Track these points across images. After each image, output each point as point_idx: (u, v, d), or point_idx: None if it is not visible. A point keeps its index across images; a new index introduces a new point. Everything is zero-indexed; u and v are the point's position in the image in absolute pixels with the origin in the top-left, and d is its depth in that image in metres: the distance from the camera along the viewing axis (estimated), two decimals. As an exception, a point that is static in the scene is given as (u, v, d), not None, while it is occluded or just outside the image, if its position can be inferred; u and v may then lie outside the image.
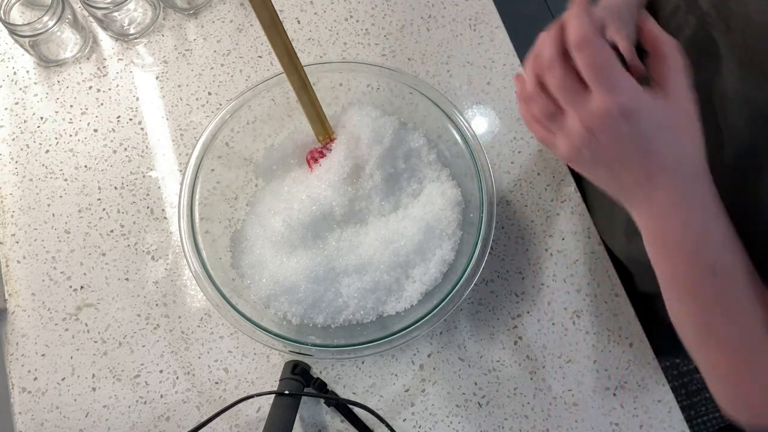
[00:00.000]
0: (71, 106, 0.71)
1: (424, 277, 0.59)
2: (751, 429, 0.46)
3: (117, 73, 0.72)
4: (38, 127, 0.70)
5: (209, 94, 0.72)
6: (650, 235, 0.43)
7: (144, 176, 0.68)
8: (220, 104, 0.71)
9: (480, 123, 0.72)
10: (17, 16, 0.74)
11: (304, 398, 0.60)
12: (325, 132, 0.62)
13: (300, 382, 0.57)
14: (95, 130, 0.70)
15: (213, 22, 0.75)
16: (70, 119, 0.71)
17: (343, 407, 0.59)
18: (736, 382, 0.44)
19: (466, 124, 0.61)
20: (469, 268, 0.56)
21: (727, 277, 0.41)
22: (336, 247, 0.59)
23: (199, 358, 0.62)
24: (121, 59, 0.73)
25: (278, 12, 0.53)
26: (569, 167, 0.69)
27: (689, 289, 0.42)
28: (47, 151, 0.69)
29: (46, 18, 0.65)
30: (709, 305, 0.42)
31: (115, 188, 0.68)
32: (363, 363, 0.62)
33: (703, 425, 1.52)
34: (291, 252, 0.59)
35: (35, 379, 0.61)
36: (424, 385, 0.62)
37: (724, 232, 0.41)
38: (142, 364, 0.62)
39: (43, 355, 0.62)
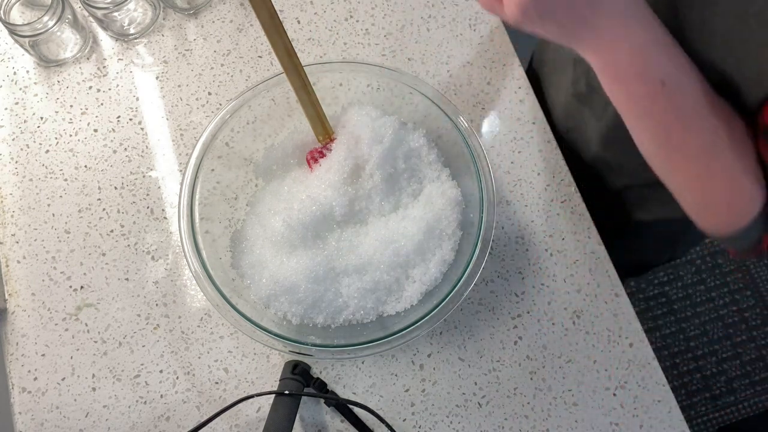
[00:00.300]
0: (71, 106, 0.71)
1: (424, 277, 0.59)
2: (723, 239, 0.50)
3: (117, 73, 0.72)
4: (38, 127, 0.70)
5: (209, 94, 0.72)
6: (603, 67, 0.46)
7: (144, 176, 0.68)
8: (220, 104, 0.71)
9: (480, 123, 0.72)
10: (17, 16, 0.74)
11: (304, 398, 0.60)
12: (325, 132, 0.62)
13: (300, 382, 0.57)
14: (95, 130, 0.70)
15: (213, 22, 0.75)
16: (70, 119, 0.71)
17: (343, 407, 0.59)
18: (700, 189, 0.48)
19: (466, 124, 0.61)
20: (469, 268, 0.56)
21: (676, 86, 0.43)
22: (336, 247, 0.59)
23: (199, 358, 0.62)
24: (121, 59, 0.73)
25: (278, 12, 0.53)
26: (569, 168, 0.69)
27: (645, 106, 0.45)
28: (47, 151, 0.69)
29: (46, 18, 0.65)
30: (664, 118, 0.45)
31: (115, 188, 0.68)
32: (363, 363, 0.62)
33: (703, 425, 1.52)
34: (291, 252, 0.59)
35: (35, 379, 0.61)
36: (424, 385, 0.62)
37: (667, 45, 0.44)
38: (142, 364, 0.62)
39: (43, 355, 0.62)
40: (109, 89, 0.72)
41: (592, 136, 0.70)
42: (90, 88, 0.72)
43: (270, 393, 0.56)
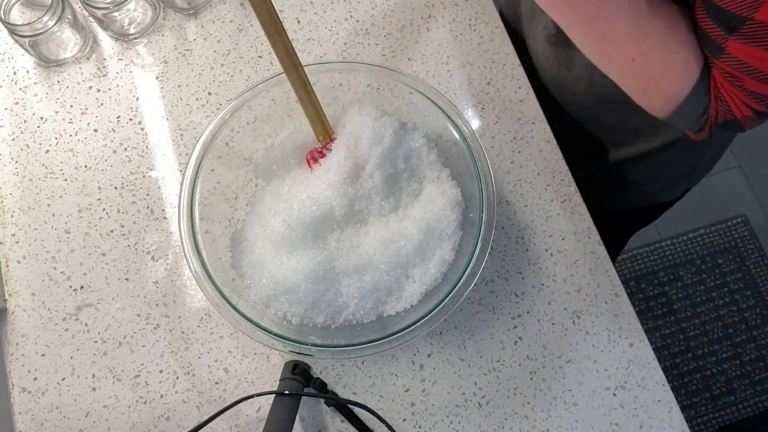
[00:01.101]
0: (71, 106, 0.71)
1: (424, 277, 0.59)
2: (672, 118, 0.52)
3: (117, 73, 0.72)
4: (38, 127, 0.70)
5: (209, 94, 0.72)
6: None
7: (144, 176, 0.68)
8: (220, 104, 0.71)
9: (480, 123, 0.72)
10: (17, 16, 0.74)
11: (304, 398, 0.60)
12: (325, 132, 0.62)
13: (300, 382, 0.57)
14: (95, 130, 0.70)
15: (213, 22, 0.75)
16: (70, 119, 0.71)
17: (343, 407, 0.59)
18: (637, 69, 0.50)
19: (466, 124, 0.61)
20: (469, 268, 0.56)
21: None
22: (336, 247, 0.59)
23: (199, 358, 0.62)
24: (121, 59, 0.73)
25: (278, 12, 0.53)
26: (568, 165, 0.69)
27: (568, 3, 0.49)
28: (47, 151, 0.69)
29: (46, 18, 0.65)
30: (587, 10, 0.48)
31: (115, 188, 0.68)
32: (363, 363, 0.62)
33: (703, 425, 1.52)
34: (291, 252, 0.59)
35: (35, 379, 0.61)
36: (424, 385, 0.62)
37: None
38: (142, 364, 0.62)
39: (43, 355, 0.62)
40: (109, 89, 0.72)
41: (576, 71, 0.71)
42: (90, 88, 0.72)
43: (270, 393, 0.56)
